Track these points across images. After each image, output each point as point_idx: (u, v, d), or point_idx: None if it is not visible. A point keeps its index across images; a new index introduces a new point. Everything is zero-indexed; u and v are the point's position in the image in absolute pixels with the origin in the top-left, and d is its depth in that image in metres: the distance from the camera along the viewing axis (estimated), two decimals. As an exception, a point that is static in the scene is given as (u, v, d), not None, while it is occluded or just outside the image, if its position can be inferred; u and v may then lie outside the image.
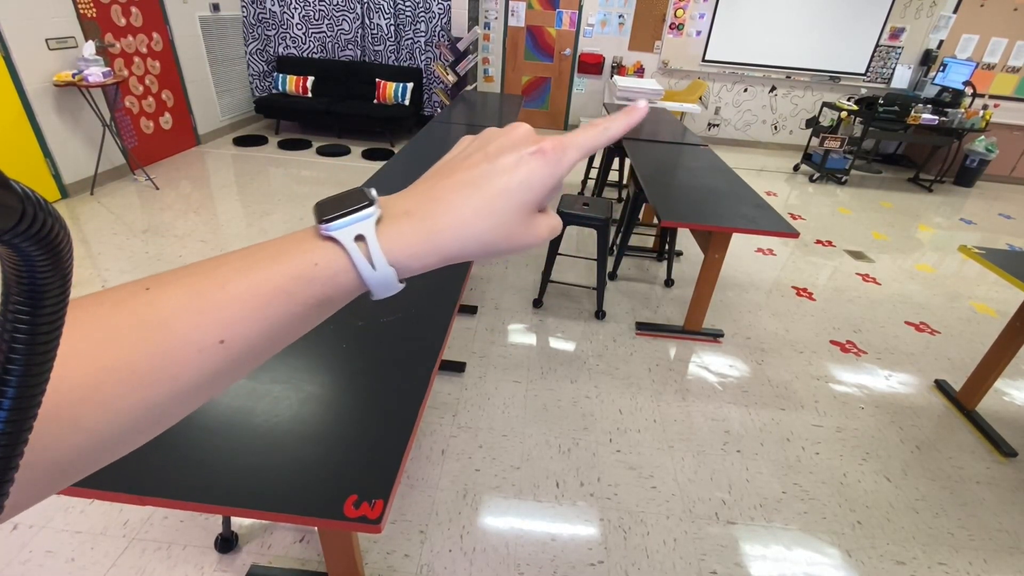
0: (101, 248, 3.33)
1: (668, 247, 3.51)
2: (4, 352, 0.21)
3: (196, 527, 1.71)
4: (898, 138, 5.84)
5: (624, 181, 4.99)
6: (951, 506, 2.01)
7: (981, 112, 5.48)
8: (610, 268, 3.47)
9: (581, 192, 4.97)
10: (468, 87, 6.07)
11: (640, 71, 6.75)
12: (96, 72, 3.79)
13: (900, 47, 6.46)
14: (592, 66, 6.77)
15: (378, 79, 6.04)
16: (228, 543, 1.66)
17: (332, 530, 1.30)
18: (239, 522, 1.73)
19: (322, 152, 5.57)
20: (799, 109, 6.92)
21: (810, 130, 6.28)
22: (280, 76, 6.02)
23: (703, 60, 6.63)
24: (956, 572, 1.78)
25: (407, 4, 5.97)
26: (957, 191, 6.05)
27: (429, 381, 1.24)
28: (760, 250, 4.03)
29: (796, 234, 2.40)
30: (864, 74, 6.62)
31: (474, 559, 1.69)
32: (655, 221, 4.14)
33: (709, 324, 2.99)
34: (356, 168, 5.22)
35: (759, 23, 6.40)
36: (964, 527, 1.94)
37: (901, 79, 6.63)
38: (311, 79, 6.01)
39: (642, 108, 0.33)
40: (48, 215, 0.21)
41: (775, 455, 2.18)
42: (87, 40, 3.97)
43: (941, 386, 2.65)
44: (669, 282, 3.47)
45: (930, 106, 5.73)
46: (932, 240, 4.57)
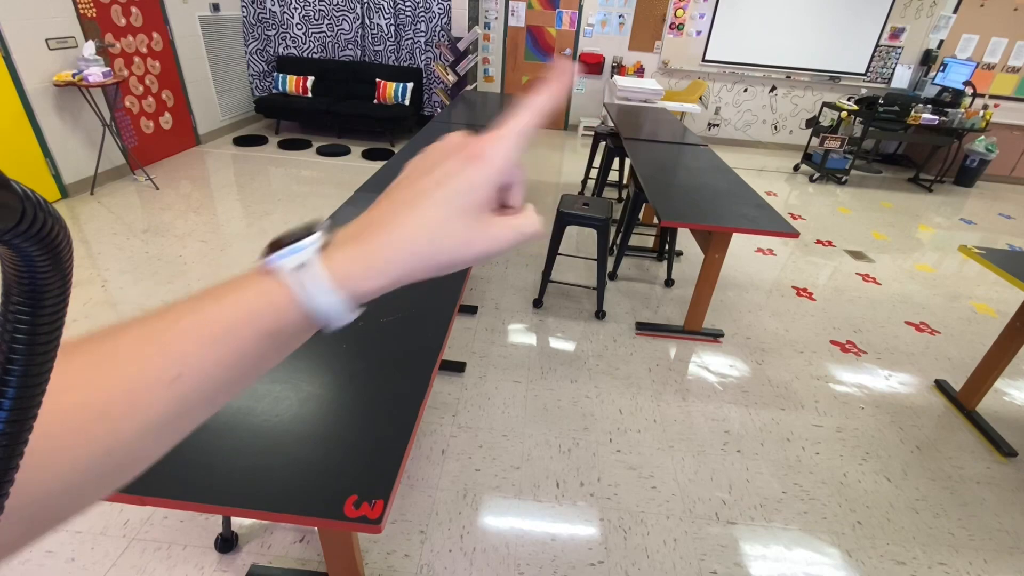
0: (101, 248, 3.33)
1: (668, 247, 3.51)
2: (4, 352, 0.21)
3: (196, 527, 1.71)
4: (898, 138, 5.85)
5: (624, 181, 4.99)
6: (951, 506, 2.01)
7: (981, 112, 5.48)
8: (610, 268, 3.47)
9: (581, 192, 4.97)
10: (468, 87, 6.07)
11: (640, 71, 6.75)
12: (96, 72, 3.79)
13: (900, 47, 6.46)
14: (592, 66, 6.77)
15: (378, 79, 6.04)
16: (228, 543, 1.66)
17: (332, 530, 1.30)
18: (239, 522, 1.73)
19: (322, 152, 5.57)
20: (799, 109, 6.92)
21: (810, 130, 6.28)
22: (280, 76, 6.02)
23: (703, 60, 6.63)
24: (956, 572, 1.78)
25: (407, 4, 5.97)
26: (957, 191, 6.05)
27: (429, 381, 1.24)
28: (760, 250, 4.03)
29: (796, 234, 2.40)
30: (864, 74, 6.62)
31: (474, 559, 1.69)
32: (655, 221, 4.14)
33: (709, 324, 2.99)
34: (356, 168, 5.22)
35: (759, 23, 6.40)
36: (964, 527, 1.94)
37: (901, 79, 6.63)
38: (311, 79, 6.01)
39: (568, 72, 0.32)
40: (48, 215, 0.21)
41: (775, 455, 2.18)
42: (87, 40, 3.97)
43: (941, 386, 2.65)
44: (669, 282, 3.47)
45: (930, 106, 5.73)
46: (932, 240, 4.57)
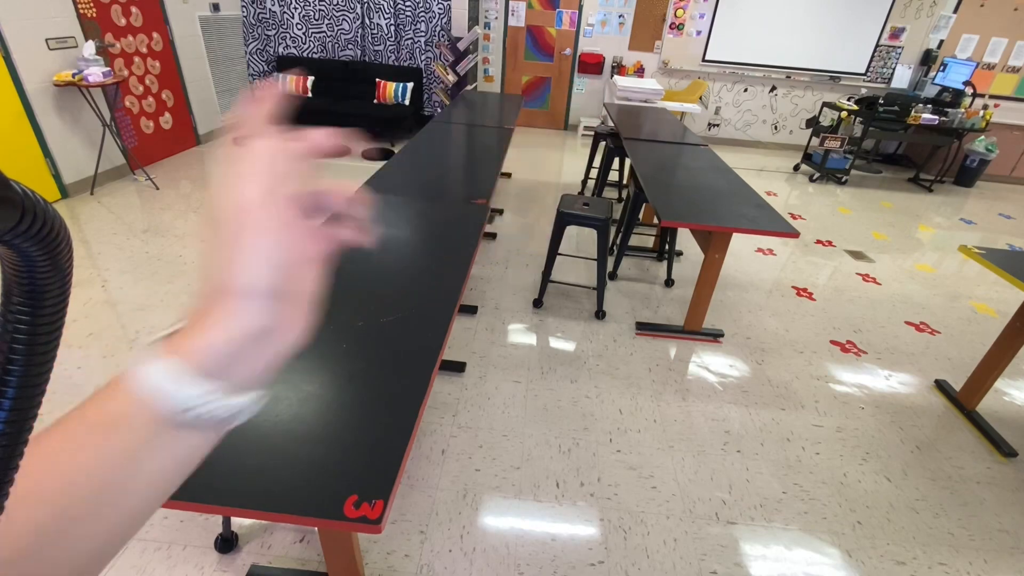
0: (101, 248, 3.33)
1: (668, 247, 3.51)
2: (4, 352, 0.21)
3: (196, 527, 1.71)
4: (898, 138, 5.84)
5: (624, 181, 4.99)
6: (951, 506, 2.01)
7: (981, 112, 5.48)
8: (610, 268, 3.47)
9: (581, 192, 4.97)
10: (468, 87, 6.07)
11: (640, 71, 6.75)
12: (96, 72, 3.79)
13: (900, 47, 6.45)
14: (592, 66, 6.77)
15: (378, 79, 6.04)
16: (228, 543, 1.66)
17: (332, 530, 1.30)
18: (239, 522, 1.73)
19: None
20: (799, 109, 6.92)
21: (810, 130, 6.27)
22: (280, 76, 6.02)
23: (703, 60, 6.63)
24: (956, 572, 1.78)
25: (407, 4, 5.97)
26: (957, 191, 6.05)
27: (429, 381, 1.24)
28: (760, 250, 4.03)
29: (796, 234, 2.40)
30: (864, 74, 6.62)
31: (474, 559, 1.69)
32: (655, 221, 4.14)
33: (709, 324, 2.99)
34: (356, 168, 5.22)
35: (759, 23, 6.39)
36: (964, 527, 1.93)
37: (901, 79, 6.63)
38: (311, 79, 6.01)
39: (272, 99, 0.31)
40: (48, 215, 0.21)
41: (775, 455, 2.18)
42: (87, 40, 3.97)
43: (941, 386, 2.65)
44: (669, 282, 3.47)
45: (930, 106, 5.73)
46: (932, 240, 4.57)
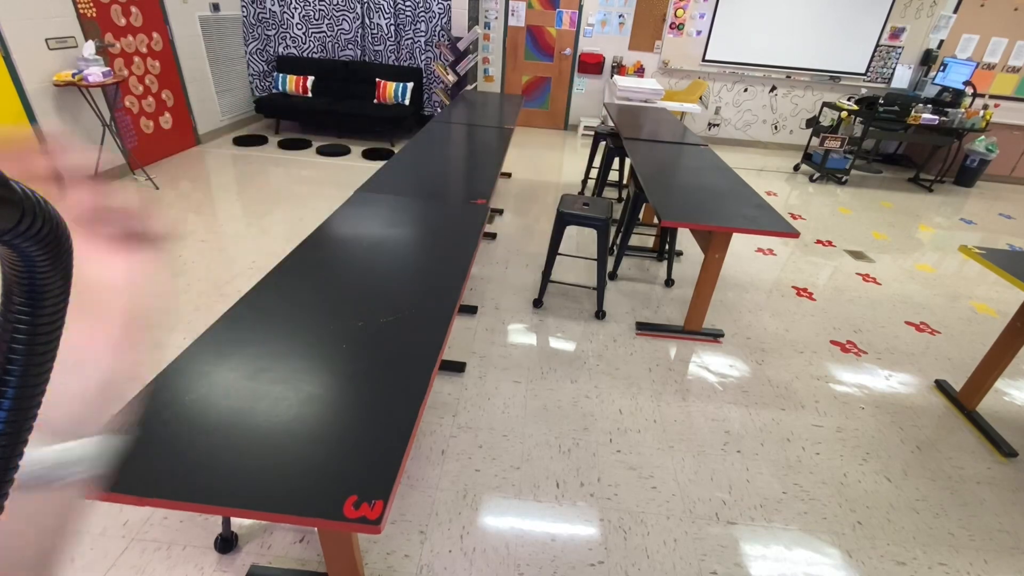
0: (101, 248, 3.33)
1: (668, 247, 3.51)
2: (4, 352, 0.21)
3: (196, 527, 1.71)
4: (898, 138, 5.84)
5: (624, 181, 4.99)
6: (951, 506, 2.01)
7: (981, 112, 5.47)
8: (610, 268, 3.47)
9: (581, 192, 4.97)
10: (468, 87, 6.07)
11: (640, 71, 6.75)
12: (96, 72, 3.79)
13: (900, 47, 6.45)
14: (592, 66, 6.77)
15: (378, 79, 6.03)
16: (228, 543, 1.66)
17: (332, 531, 1.30)
18: (239, 522, 1.73)
19: (322, 152, 5.57)
20: (799, 109, 6.91)
21: (810, 130, 6.28)
22: (280, 76, 6.02)
23: (703, 60, 6.63)
24: (956, 572, 1.77)
25: (407, 4, 5.97)
26: (957, 191, 6.05)
27: (429, 381, 1.24)
28: (760, 250, 4.03)
29: (796, 234, 2.40)
30: (864, 74, 6.62)
31: (474, 559, 1.69)
32: (655, 221, 4.14)
33: (709, 324, 2.99)
34: (356, 168, 5.22)
35: (759, 23, 6.39)
36: (965, 527, 1.93)
37: (901, 79, 6.63)
38: (311, 79, 6.01)
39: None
40: (48, 215, 0.21)
41: (775, 455, 2.18)
42: (87, 40, 3.97)
43: (941, 386, 2.65)
44: (669, 282, 3.47)
45: (930, 106, 5.72)
46: (932, 240, 4.57)
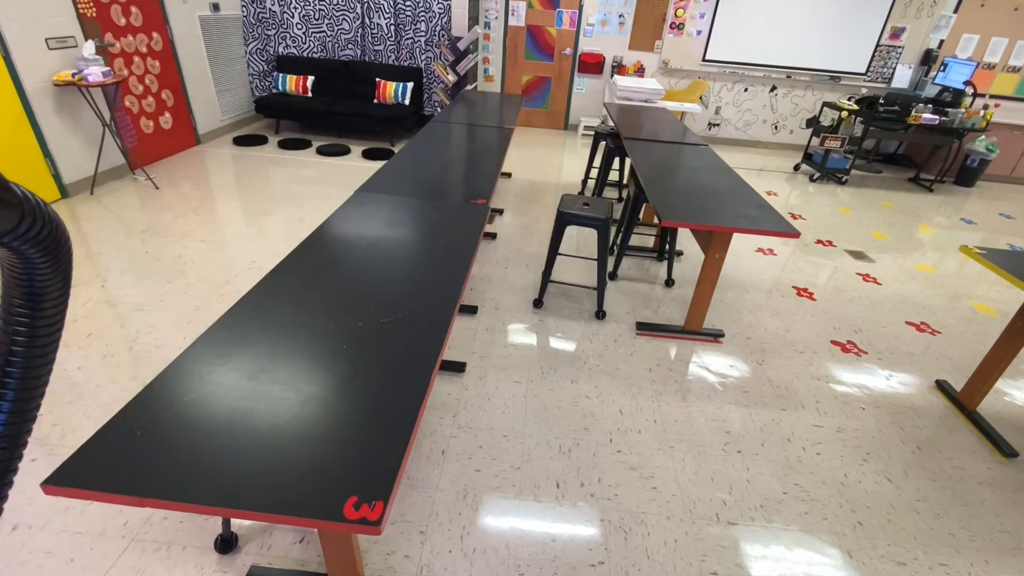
0: (101, 248, 3.33)
1: (668, 247, 3.51)
2: (4, 354, 0.21)
3: (196, 528, 1.71)
4: (899, 138, 5.84)
5: (624, 181, 4.99)
6: (952, 507, 2.01)
7: (982, 112, 5.47)
8: (610, 268, 3.47)
9: (581, 192, 4.97)
10: (468, 87, 6.07)
11: (640, 71, 6.75)
12: (96, 72, 3.79)
13: (901, 47, 6.45)
14: (592, 66, 6.77)
15: (378, 79, 6.03)
16: (228, 544, 1.66)
17: (332, 531, 1.30)
18: (239, 523, 1.73)
19: (322, 152, 5.57)
20: (799, 109, 6.91)
21: (810, 130, 6.28)
22: (280, 76, 6.01)
23: (703, 60, 6.62)
24: (957, 573, 1.77)
25: (407, 4, 5.96)
26: (958, 191, 6.05)
27: (429, 381, 1.24)
28: (760, 250, 4.02)
29: (797, 234, 2.39)
30: (864, 74, 6.61)
31: (474, 560, 1.69)
32: (655, 221, 4.14)
33: (709, 324, 2.99)
34: (356, 168, 5.21)
35: (759, 23, 6.39)
36: (965, 528, 1.93)
37: (901, 79, 6.63)
38: (311, 79, 6.01)
39: None
40: (47, 217, 0.20)
41: (776, 455, 2.17)
42: (87, 40, 3.97)
43: (942, 386, 2.65)
44: (669, 282, 3.47)
45: (931, 106, 5.72)
46: (933, 240, 4.56)
